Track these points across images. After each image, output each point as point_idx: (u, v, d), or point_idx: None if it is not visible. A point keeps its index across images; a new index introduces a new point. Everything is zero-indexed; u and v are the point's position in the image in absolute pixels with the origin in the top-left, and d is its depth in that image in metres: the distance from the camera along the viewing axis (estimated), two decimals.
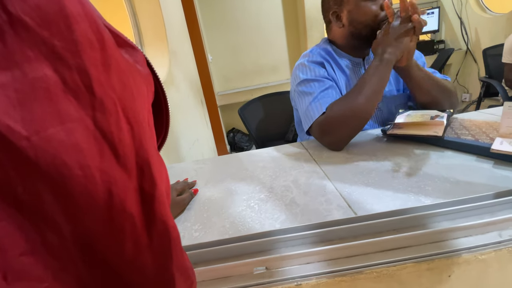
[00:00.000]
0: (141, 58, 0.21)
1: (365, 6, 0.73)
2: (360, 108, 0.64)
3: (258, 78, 2.91)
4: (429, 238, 0.34)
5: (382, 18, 0.73)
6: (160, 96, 0.24)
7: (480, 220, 0.35)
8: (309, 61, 0.79)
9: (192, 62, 1.99)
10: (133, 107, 0.17)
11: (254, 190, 0.55)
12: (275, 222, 0.43)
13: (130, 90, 0.17)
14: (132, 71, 0.18)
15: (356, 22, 0.76)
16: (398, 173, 0.52)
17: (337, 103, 0.68)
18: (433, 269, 0.32)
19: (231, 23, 2.71)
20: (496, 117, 0.72)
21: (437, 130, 0.61)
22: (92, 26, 0.15)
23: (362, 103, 0.64)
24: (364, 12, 0.74)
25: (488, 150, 0.51)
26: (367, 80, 0.66)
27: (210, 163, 0.75)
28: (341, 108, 0.66)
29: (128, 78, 0.18)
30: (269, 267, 0.35)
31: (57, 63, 0.14)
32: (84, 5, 0.15)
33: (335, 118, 0.66)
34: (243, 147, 2.87)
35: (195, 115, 1.86)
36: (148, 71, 0.21)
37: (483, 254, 0.33)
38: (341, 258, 0.34)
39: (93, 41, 0.15)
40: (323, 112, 0.68)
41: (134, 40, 1.36)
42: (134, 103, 0.17)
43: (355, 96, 0.65)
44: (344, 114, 0.65)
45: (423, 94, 0.74)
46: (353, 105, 0.65)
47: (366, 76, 0.66)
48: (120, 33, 0.20)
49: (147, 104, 0.19)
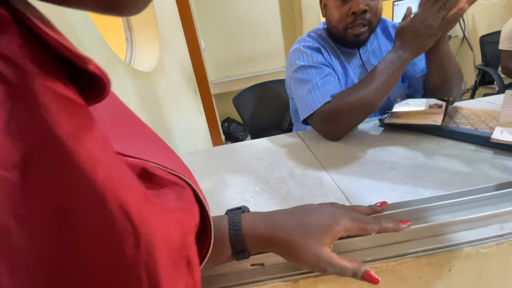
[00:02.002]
0: (188, 195, 0.23)
1: (334, 7, 0.70)
2: (369, 101, 0.62)
3: (253, 66, 2.84)
4: (430, 231, 0.33)
5: (345, 24, 0.70)
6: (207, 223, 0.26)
7: (482, 212, 0.34)
8: (305, 46, 0.75)
9: (184, 49, 1.93)
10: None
11: (249, 183, 0.53)
12: None
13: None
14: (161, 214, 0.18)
15: (327, 19, 0.75)
16: (396, 164, 0.51)
17: (346, 93, 0.65)
18: (433, 263, 0.31)
19: (225, 8, 2.62)
20: (494, 105, 0.71)
21: (436, 119, 0.60)
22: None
23: (372, 96, 0.62)
24: (332, 14, 0.72)
25: (488, 139, 0.50)
26: (380, 73, 0.63)
27: (203, 154, 0.72)
28: (350, 99, 0.63)
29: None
30: (265, 263, 0.34)
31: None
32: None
33: (342, 108, 0.63)
34: (238, 137, 2.84)
35: (188, 104, 1.82)
36: (190, 206, 0.22)
37: (484, 247, 0.32)
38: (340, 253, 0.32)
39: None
40: (326, 102, 0.65)
41: (123, 27, 1.30)
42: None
43: (366, 88, 0.62)
44: (352, 105, 0.63)
45: (442, 74, 0.69)
46: (362, 97, 0.62)
47: (380, 68, 0.63)
48: (168, 173, 0.22)
49: (177, 243, 0.18)
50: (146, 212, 0.15)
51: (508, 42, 1.60)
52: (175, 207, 0.20)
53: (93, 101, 0.15)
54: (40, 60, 0.12)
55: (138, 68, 1.19)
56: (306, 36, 0.80)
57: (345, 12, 0.69)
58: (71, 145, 0.12)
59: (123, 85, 0.98)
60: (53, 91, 0.12)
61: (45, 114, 0.11)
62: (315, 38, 0.79)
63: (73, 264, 0.12)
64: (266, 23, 2.71)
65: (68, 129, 0.12)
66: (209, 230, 0.26)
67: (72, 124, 0.12)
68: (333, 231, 0.30)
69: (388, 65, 0.63)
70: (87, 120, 0.14)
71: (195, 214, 0.23)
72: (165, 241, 0.16)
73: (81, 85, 0.15)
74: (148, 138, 0.25)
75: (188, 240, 0.20)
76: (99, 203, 0.13)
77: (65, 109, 0.12)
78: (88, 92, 0.15)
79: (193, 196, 0.24)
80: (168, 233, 0.17)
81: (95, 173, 0.13)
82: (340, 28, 0.72)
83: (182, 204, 0.21)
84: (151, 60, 1.34)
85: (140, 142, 0.23)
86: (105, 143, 0.15)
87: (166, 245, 0.16)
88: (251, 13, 2.66)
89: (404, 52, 0.62)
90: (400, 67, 0.62)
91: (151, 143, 0.25)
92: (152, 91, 1.24)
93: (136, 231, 0.14)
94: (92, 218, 0.13)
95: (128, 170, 0.16)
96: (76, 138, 0.12)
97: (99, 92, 0.15)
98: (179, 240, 0.18)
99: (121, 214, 0.13)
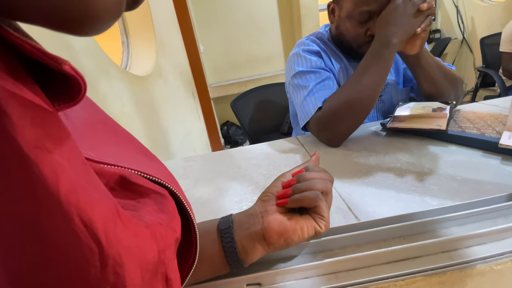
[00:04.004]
0: (169, 206, 0.21)
1: (349, 25, 0.67)
2: (358, 101, 0.58)
3: (252, 69, 2.83)
4: (440, 247, 0.31)
5: (361, 43, 0.68)
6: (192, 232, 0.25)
7: (494, 225, 0.31)
8: (304, 50, 0.73)
9: (182, 52, 1.91)
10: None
11: (246, 191, 0.51)
12: None
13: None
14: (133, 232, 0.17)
15: (339, 30, 0.72)
16: (400, 171, 0.49)
17: (333, 96, 0.62)
18: (445, 282, 0.29)
19: (224, 12, 2.61)
20: (499, 108, 0.69)
21: (440, 123, 0.58)
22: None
23: (360, 95, 0.58)
24: (346, 28, 0.69)
25: (495, 145, 0.48)
26: (367, 68, 0.59)
27: (200, 160, 0.70)
28: (337, 102, 0.60)
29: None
30: (262, 283, 0.31)
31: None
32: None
33: (332, 113, 0.60)
34: (238, 140, 2.82)
35: (186, 108, 1.80)
36: (171, 219, 0.21)
37: (498, 264, 0.29)
38: (343, 272, 0.30)
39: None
40: (319, 107, 0.63)
41: (119, 30, 1.28)
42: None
43: (351, 88, 0.59)
44: (340, 108, 0.59)
45: (431, 85, 0.68)
46: (349, 98, 0.59)
47: (366, 63, 0.60)
48: (149, 181, 0.20)
49: (153, 261, 0.17)
50: (116, 230, 0.14)
51: (509, 44, 1.58)
52: (153, 221, 0.18)
53: (69, 104, 0.14)
54: (3, 63, 0.12)
55: (135, 72, 1.17)
56: (305, 40, 0.78)
57: (362, 33, 0.66)
58: (33, 155, 0.11)
59: (118, 89, 0.96)
60: (16, 96, 0.11)
61: (5, 121, 0.11)
62: (315, 41, 0.77)
63: (39, 278, 0.12)
64: (265, 26, 2.71)
65: (30, 138, 0.11)
66: (194, 240, 0.24)
67: (35, 132, 0.12)
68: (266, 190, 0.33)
69: (374, 57, 0.59)
70: (53, 127, 0.13)
71: (175, 228, 0.21)
72: (138, 260, 0.15)
73: (54, 88, 0.14)
74: (129, 144, 0.23)
75: (166, 256, 0.19)
76: (63, 219, 0.12)
77: (29, 116, 0.12)
78: (62, 95, 0.14)
79: (175, 207, 0.22)
80: (142, 251, 0.16)
81: (58, 186, 0.12)
82: (354, 46, 0.70)
83: (162, 216, 0.19)
84: (148, 64, 1.32)
85: (120, 148, 0.21)
86: (73, 152, 0.13)
87: (139, 264, 0.15)
88: (249, 16, 2.65)
89: (390, 37, 0.57)
90: (389, 56, 0.58)
91: (131, 150, 0.23)
92: (149, 95, 1.22)
93: (102, 252, 0.13)
94: (58, 233, 0.12)
95: (97, 182, 0.15)
96: (39, 147, 0.11)
97: (74, 95, 0.14)
98: (155, 258, 0.17)
99: (86, 233, 0.12)
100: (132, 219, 0.16)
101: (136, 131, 1.02)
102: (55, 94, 0.14)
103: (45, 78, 0.14)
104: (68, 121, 0.15)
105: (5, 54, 0.12)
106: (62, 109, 0.14)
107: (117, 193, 0.18)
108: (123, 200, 0.18)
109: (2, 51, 0.12)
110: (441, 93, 0.69)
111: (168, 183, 0.22)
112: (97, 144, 0.19)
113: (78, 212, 0.12)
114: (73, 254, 0.12)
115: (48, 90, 0.14)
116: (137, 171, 0.20)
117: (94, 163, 0.17)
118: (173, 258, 0.20)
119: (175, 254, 0.21)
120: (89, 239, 0.13)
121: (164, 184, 0.21)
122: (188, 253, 0.25)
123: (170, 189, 0.22)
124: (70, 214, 0.12)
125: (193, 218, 0.24)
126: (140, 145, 0.25)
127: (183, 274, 0.25)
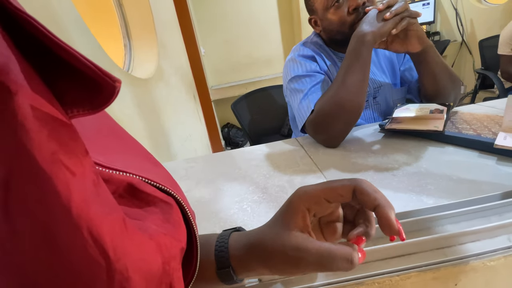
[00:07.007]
0: (175, 215, 0.21)
1: (330, 15, 0.70)
2: (346, 101, 0.60)
3: (253, 71, 2.85)
4: (435, 244, 0.32)
5: (350, 23, 0.69)
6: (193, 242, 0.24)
7: (488, 223, 0.32)
8: (299, 55, 0.75)
9: (183, 55, 1.93)
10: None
11: (247, 191, 0.52)
12: None
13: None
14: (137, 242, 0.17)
15: (327, 30, 0.74)
16: (397, 171, 0.50)
17: (322, 98, 0.64)
18: (439, 278, 0.30)
19: (224, 15, 2.64)
20: (496, 110, 0.70)
21: (437, 124, 0.59)
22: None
23: (347, 95, 0.59)
24: (330, 22, 0.71)
25: (491, 145, 0.48)
26: (348, 67, 0.61)
27: (201, 162, 0.71)
28: (326, 103, 0.62)
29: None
30: (262, 278, 0.32)
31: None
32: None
33: (323, 115, 0.62)
34: (238, 142, 2.83)
35: (187, 111, 1.82)
36: (176, 229, 0.21)
37: (491, 260, 0.30)
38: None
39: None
40: (312, 110, 0.64)
41: (121, 32, 1.30)
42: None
43: (337, 89, 0.61)
44: (330, 109, 0.61)
45: (434, 83, 0.69)
46: (337, 99, 0.60)
47: (347, 62, 0.61)
48: (156, 189, 0.20)
49: (158, 272, 0.17)
50: (123, 243, 0.14)
51: (507, 47, 1.59)
52: (159, 231, 0.19)
53: (89, 112, 0.14)
54: (23, 74, 0.12)
55: (137, 75, 1.18)
56: (300, 45, 0.80)
57: (344, 13, 0.68)
58: (48, 169, 0.11)
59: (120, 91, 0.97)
60: (34, 109, 0.11)
61: (23, 135, 0.11)
62: (310, 46, 0.78)
63: (47, 285, 0.12)
64: (265, 29, 2.73)
65: (46, 151, 0.12)
66: (195, 250, 0.24)
67: (51, 145, 0.12)
68: (293, 206, 0.25)
69: (352, 55, 0.61)
70: (68, 139, 0.13)
71: (180, 239, 0.21)
72: (143, 272, 0.15)
73: (73, 93, 0.14)
74: (136, 151, 0.24)
75: (170, 267, 0.19)
76: (74, 233, 0.12)
77: (46, 129, 0.12)
78: (81, 101, 0.14)
79: (180, 217, 0.22)
80: (147, 263, 0.16)
81: (70, 200, 0.12)
82: (346, 29, 0.70)
83: (167, 226, 0.20)
84: (149, 67, 1.34)
85: (127, 154, 0.22)
86: (86, 164, 0.14)
87: (144, 276, 0.15)
88: (250, 19, 2.68)
89: (362, 36, 0.60)
90: (366, 53, 0.59)
91: (138, 156, 0.23)
92: (151, 97, 1.24)
93: (109, 267, 0.13)
94: (68, 246, 0.12)
95: (107, 193, 0.15)
96: (54, 161, 0.12)
97: (98, 102, 0.14)
98: (159, 269, 0.17)
99: (94, 248, 0.13)
100: (137, 232, 0.16)
101: (138, 132, 1.03)
102: (72, 99, 0.14)
103: (62, 83, 0.13)
104: (78, 124, 0.16)
105: (25, 63, 0.12)
106: (82, 115, 0.14)
107: (126, 201, 0.18)
108: (131, 208, 0.18)
109: (22, 59, 0.12)
110: (442, 92, 0.70)
111: (174, 191, 0.22)
112: (105, 149, 0.19)
113: (88, 225, 0.12)
114: (83, 265, 0.12)
115: (66, 95, 0.13)
116: (145, 178, 0.20)
117: (104, 169, 0.17)
118: (178, 268, 0.20)
119: (180, 265, 0.21)
120: (97, 254, 0.13)
121: (170, 193, 0.21)
122: (189, 265, 0.24)
123: (176, 198, 0.22)
124: (80, 228, 0.12)
125: (196, 230, 0.24)
126: (145, 151, 0.25)
127: (185, 283, 0.24)
